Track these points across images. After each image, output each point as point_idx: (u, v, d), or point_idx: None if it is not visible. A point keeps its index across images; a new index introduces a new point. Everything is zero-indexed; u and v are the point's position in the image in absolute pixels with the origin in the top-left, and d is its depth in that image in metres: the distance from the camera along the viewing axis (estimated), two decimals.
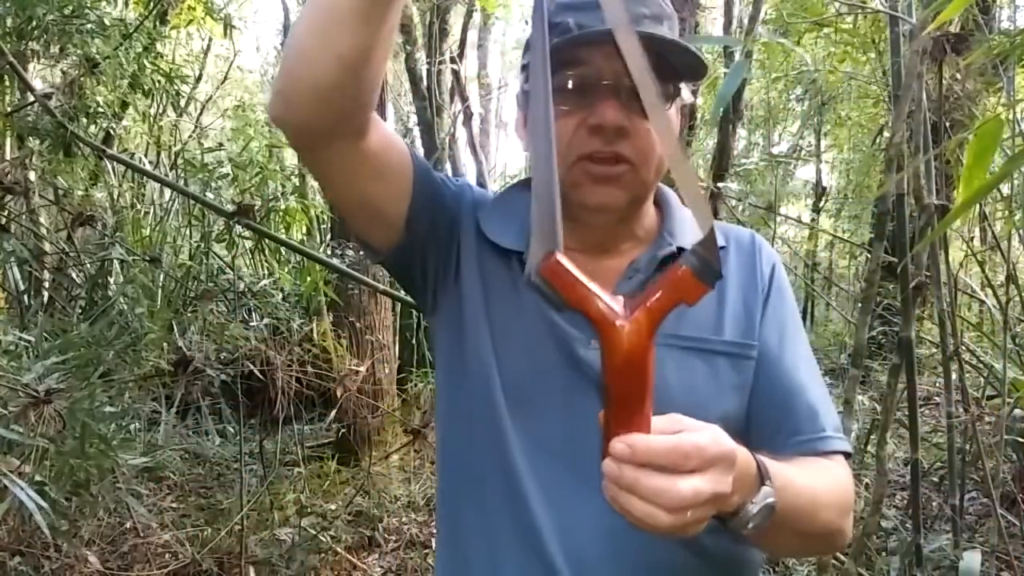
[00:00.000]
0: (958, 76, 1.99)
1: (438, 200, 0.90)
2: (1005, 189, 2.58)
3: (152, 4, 4.06)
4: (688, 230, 0.89)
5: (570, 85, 0.80)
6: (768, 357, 0.87)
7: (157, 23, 4.21)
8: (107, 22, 3.10)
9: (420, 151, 5.62)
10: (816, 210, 6.50)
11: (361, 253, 3.41)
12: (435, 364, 0.97)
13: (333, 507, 3.41)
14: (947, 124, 2.23)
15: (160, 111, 5.08)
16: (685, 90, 0.86)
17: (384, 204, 0.85)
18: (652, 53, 0.74)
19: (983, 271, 3.22)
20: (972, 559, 1.94)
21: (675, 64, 0.80)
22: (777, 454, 0.76)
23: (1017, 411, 2.60)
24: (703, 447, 0.59)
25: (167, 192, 4.73)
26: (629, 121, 0.78)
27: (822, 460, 0.83)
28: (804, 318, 3.94)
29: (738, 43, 2.25)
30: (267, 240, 2.82)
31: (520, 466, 0.84)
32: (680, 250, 0.86)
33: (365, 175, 0.82)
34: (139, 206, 4.57)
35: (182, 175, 4.11)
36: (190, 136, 5.45)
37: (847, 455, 0.87)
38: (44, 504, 1.63)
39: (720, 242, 0.83)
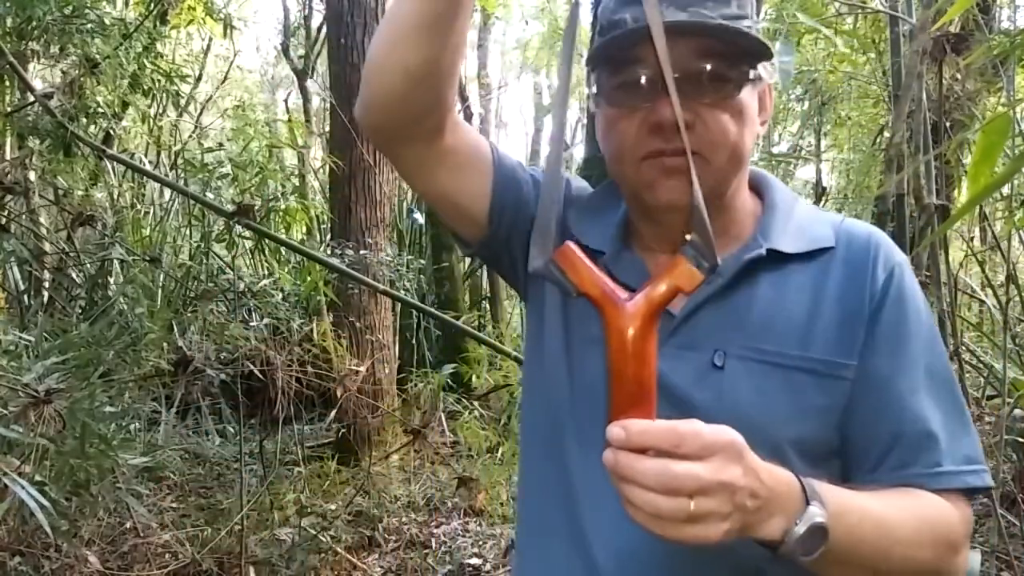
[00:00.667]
0: (958, 76, 1.99)
1: (522, 198, 0.90)
2: (1005, 189, 2.58)
3: (152, 4, 4.06)
4: (795, 232, 0.82)
5: (636, 81, 0.77)
6: (874, 379, 0.77)
7: (157, 23, 4.21)
8: (107, 22, 3.10)
9: None
10: None
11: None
12: (523, 352, 0.99)
13: (333, 507, 3.41)
14: (947, 124, 2.23)
15: (160, 111, 5.08)
16: (764, 71, 0.80)
17: (464, 200, 0.87)
18: (715, 38, 0.75)
19: (983, 271, 3.22)
20: (972, 559, 1.94)
21: (743, 46, 0.77)
22: (874, 486, 0.72)
23: (1017, 411, 2.60)
24: (699, 432, 0.58)
25: (167, 192, 4.73)
26: (692, 113, 0.75)
27: (926, 493, 0.75)
28: None
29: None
30: (267, 240, 2.82)
31: (575, 465, 0.84)
32: (771, 252, 0.79)
33: (442, 173, 0.85)
34: (139, 206, 4.57)
35: (182, 175, 4.11)
36: (190, 136, 5.45)
37: (979, 491, 0.78)
38: (46, 503, 1.63)
39: (829, 242, 0.81)
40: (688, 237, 0.60)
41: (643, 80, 0.77)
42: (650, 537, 0.77)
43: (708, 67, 0.75)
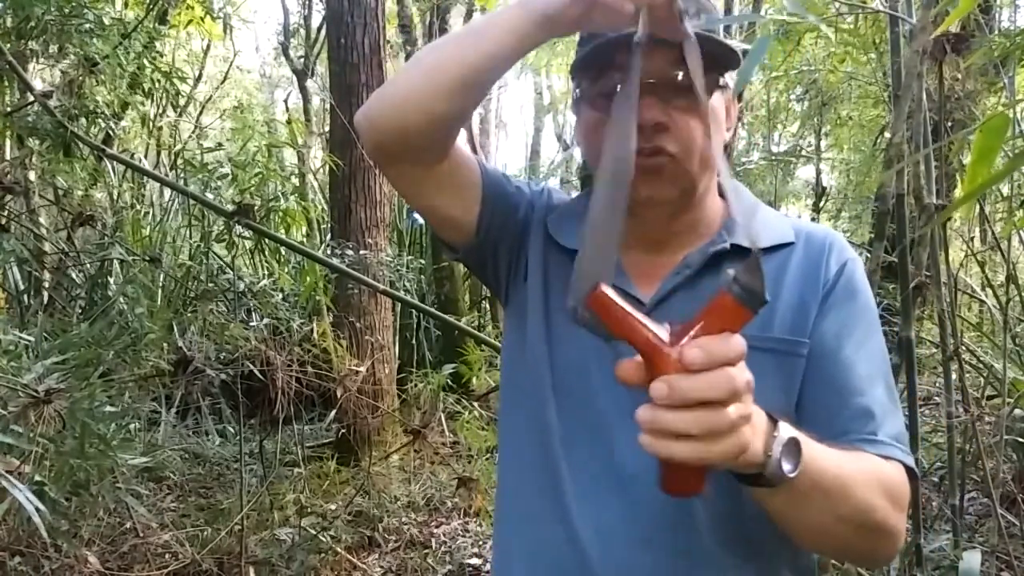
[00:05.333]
0: (959, 76, 1.99)
1: (509, 209, 0.97)
2: (1005, 189, 2.58)
3: (151, 4, 4.06)
4: (754, 228, 0.87)
5: (616, 87, 0.81)
6: (822, 353, 0.83)
7: (156, 23, 4.21)
8: (106, 22, 3.10)
9: None
10: (816, 210, 6.50)
11: (355, 251, 3.41)
12: (501, 356, 1.03)
13: (333, 507, 3.41)
14: (948, 124, 2.23)
15: (160, 111, 5.08)
16: (728, 77, 0.87)
17: (454, 213, 0.94)
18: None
19: (983, 271, 3.22)
20: (972, 559, 1.94)
21: (714, 54, 0.81)
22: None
23: (1017, 411, 2.60)
24: (735, 376, 0.57)
25: (167, 192, 4.74)
26: (668, 116, 0.81)
27: (869, 454, 0.79)
28: None
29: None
30: (267, 240, 2.82)
31: (557, 444, 0.88)
32: (734, 246, 0.86)
33: (435, 191, 0.91)
34: (139, 206, 4.57)
35: (182, 175, 4.11)
36: (190, 136, 5.45)
37: (910, 471, 0.81)
38: (43, 507, 1.63)
39: (789, 238, 0.88)
40: (731, 273, 0.57)
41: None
42: (631, 512, 0.83)
43: (682, 75, 0.80)
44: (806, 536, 0.76)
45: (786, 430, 0.65)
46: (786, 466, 0.64)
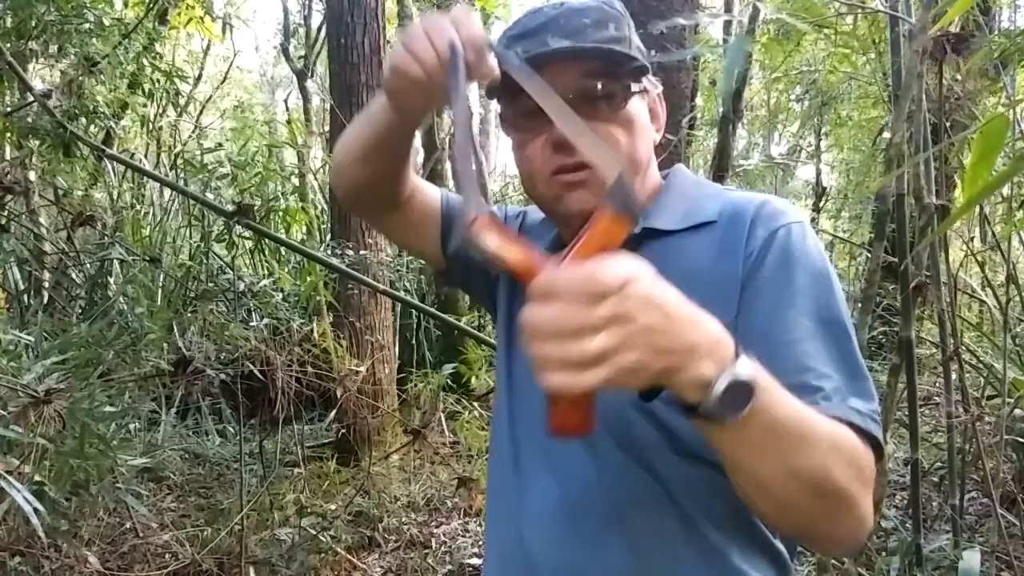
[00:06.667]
0: (958, 76, 1.99)
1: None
2: (1005, 190, 2.58)
3: (151, 3, 4.06)
4: (680, 213, 0.88)
5: (533, 107, 0.79)
6: (752, 332, 0.75)
7: (156, 23, 4.21)
8: (106, 22, 3.10)
9: (420, 152, 5.62)
10: (816, 210, 6.51)
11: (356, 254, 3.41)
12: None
13: (333, 507, 3.41)
14: (947, 125, 2.23)
15: (160, 111, 5.08)
16: (648, 83, 0.90)
17: (423, 247, 1.07)
18: (598, 59, 0.84)
19: (983, 271, 3.22)
20: (972, 559, 1.94)
21: (623, 64, 0.85)
22: None
23: (1017, 411, 2.60)
24: (587, 269, 0.54)
25: (167, 192, 4.74)
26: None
27: (827, 418, 0.70)
28: None
29: (736, 18, 2.29)
30: (267, 240, 2.82)
31: (515, 454, 0.92)
32: (647, 230, 0.86)
33: (400, 230, 1.07)
34: (139, 206, 4.57)
35: (182, 175, 4.11)
36: (190, 136, 5.45)
37: (876, 447, 0.73)
38: (41, 508, 1.63)
39: (709, 217, 0.86)
40: (608, 189, 0.60)
41: (536, 106, 0.80)
42: (582, 485, 0.83)
43: (595, 85, 0.83)
44: (757, 495, 0.69)
45: (742, 368, 0.59)
46: (727, 409, 0.59)
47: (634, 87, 0.87)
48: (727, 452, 0.66)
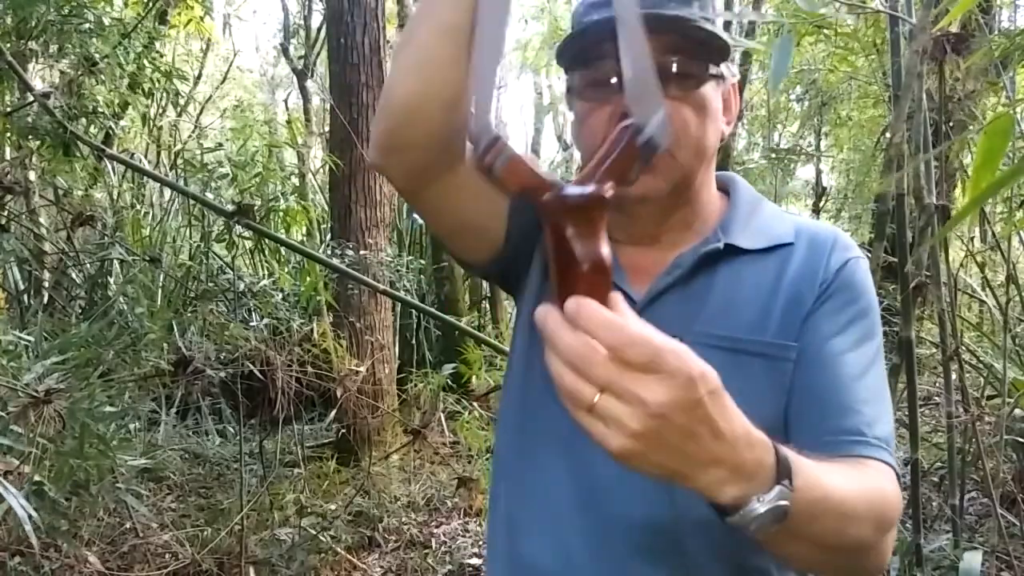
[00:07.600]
0: (959, 76, 1.99)
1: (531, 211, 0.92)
2: (1005, 191, 2.58)
3: (151, 3, 4.06)
4: (755, 230, 0.86)
5: (604, 76, 0.79)
6: (810, 352, 0.80)
7: (156, 23, 4.21)
8: (106, 22, 3.10)
9: None
10: (816, 210, 6.50)
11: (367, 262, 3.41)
12: (511, 350, 0.98)
13: (333, 507, 3.41)
14: (948, 125, 2.23)
15: (160, 111, 5.08)
16: (726, 69, 0.84)
17: (486, 221, 0.89)
18: (677, 34, 0.77)
19: (983, 271, 3.22)
20: (972, 559, 1.94)
21: (705, 42, 0.80)
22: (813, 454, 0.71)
23: (1017, 411, 2.60)
24: (653, 342, 0.49)
25: (167, 192, 4.73)
26: None
27: (865, 465, 0.75)
28: None
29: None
30: (267, 240, 2.82)
31: (542, 419, 0.88)
32: (728, 246, 0.83)
33: (467, 197, 0.85)
34: (139, 206, 4.57)
35: (182, 175, 4.11)
36: (190, 136, 5.45)
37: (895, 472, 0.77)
38: (34, 514, 1.63)
39: (788, 238, 0.85)
40: (629, 116, 0.55)
41: (607, 76, 0.79)
42: (591, 534, 0.82)
43: (670, 62, 0.77)
44: (782, 558, 0.74)
45: (778, 496, 0.57)
46: (755, 530, 0.58)
47: (712, 70, 0.81)
48: (759, 539, 0.64)
